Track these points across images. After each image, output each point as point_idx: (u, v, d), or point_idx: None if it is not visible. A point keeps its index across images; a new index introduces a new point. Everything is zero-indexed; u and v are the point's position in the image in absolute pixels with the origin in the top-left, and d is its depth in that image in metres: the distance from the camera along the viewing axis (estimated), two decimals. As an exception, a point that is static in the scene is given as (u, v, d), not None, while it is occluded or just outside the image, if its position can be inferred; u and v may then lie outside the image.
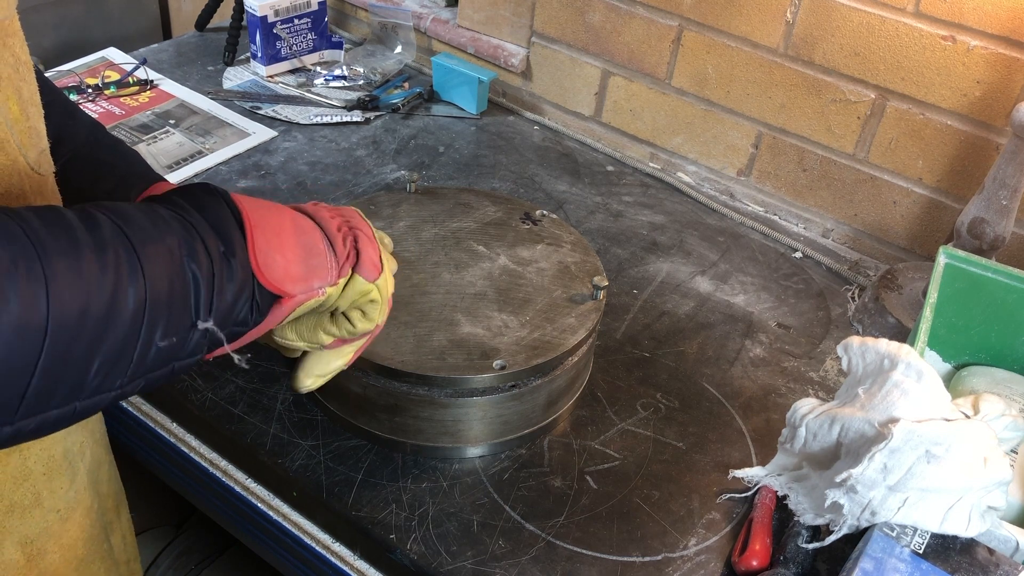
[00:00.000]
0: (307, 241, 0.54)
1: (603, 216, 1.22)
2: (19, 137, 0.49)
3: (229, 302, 0.48)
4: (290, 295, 0.52)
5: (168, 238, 0.45)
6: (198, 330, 0.46)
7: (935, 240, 1.15)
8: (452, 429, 0.80)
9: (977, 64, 1.03)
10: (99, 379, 0.42)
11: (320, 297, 0.55)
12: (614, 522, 0.78)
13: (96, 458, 0.67)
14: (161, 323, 0.44)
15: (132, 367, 0.44)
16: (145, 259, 0.43)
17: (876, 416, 0.72)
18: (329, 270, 0.55)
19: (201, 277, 0.46)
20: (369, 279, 0.57)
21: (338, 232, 0.56)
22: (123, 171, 0.69)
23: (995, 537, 0.69)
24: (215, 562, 1.31)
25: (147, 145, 1.23)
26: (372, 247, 0.58)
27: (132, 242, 0.43)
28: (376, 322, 0.61)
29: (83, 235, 0.41)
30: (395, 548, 0.74)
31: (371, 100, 1.37)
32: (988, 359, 0.96)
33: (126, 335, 0.42)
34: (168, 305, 0.44)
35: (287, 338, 0.61)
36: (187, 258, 0.45)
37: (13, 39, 0.48)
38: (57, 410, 0.42)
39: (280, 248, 0.51)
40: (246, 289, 0.49)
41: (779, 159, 1.24)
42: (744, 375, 0.97)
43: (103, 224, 0.43)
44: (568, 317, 0.83)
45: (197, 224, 0.47)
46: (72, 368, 0.41)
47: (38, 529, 0.59)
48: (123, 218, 0.44)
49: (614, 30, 1.30)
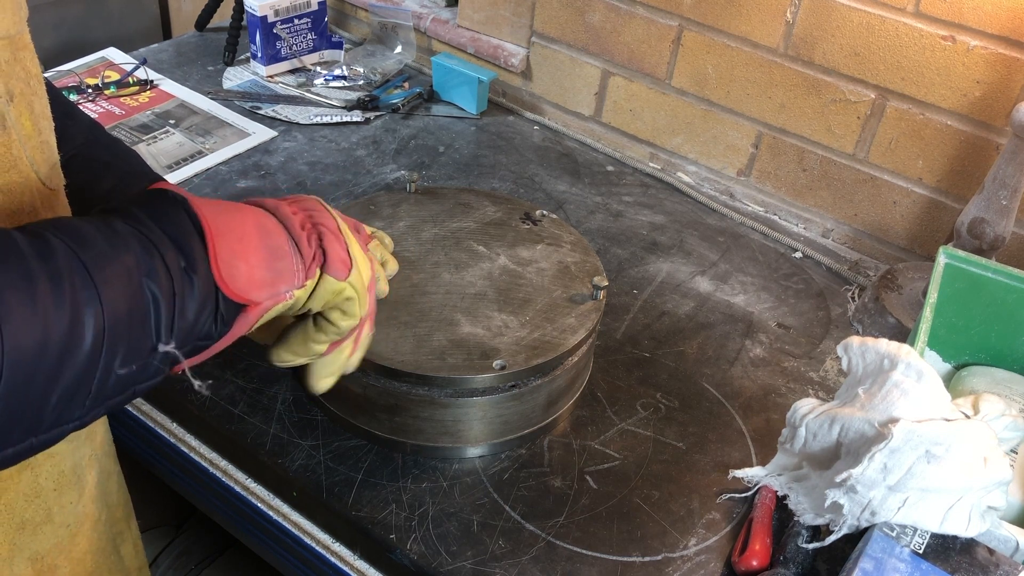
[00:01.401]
0: (272, 243, 0.51)
1: (603, 216, 1.22)
2: (31, 153, 0.49)
3: (191, 320, 0.46)
4: (255, 303, 0.50)
5: (126, 257, 0.43)
6: (159, 353, 0.45)
7: (935, 240, 1.15)
8: (452, 429, 0.80)
9: (977, 64, 1.03)
10: (56, 413, 0.41)
11: (288, 301, 0.52)
12: (614, 522, 0.78)
13: (105, 469, 0.66)
14: (121, 350, 0.42)
15: (91, 397, 0.42)
16: (102, 284, 0.41)
17: (876, 416, 0.72)
18: (295, 272, 0.52)
19: (161, 297, 0.44)
20: (339, 278, 0.55)
21: (302, 231, 0.54)
22: (122, 170, 0.69)
23: (995, 537, 0.69)
24: (215, 562, 1.31)
25: (147, 145, 1.23)
26: (339, 243, 0.55)
27: (88, 268, 0.41)
28: (359, 316, 0.59)
29: (36, 265, 0.39)
30: (395, 548, 0.74)
31: (371, 100, 1.37)
32: (988, 359, 0.96)
33: (85, 366, 0.41)
34: (127, 331, 0.42)
35: (285, 360, 0.60)
36: (146, 278, 0.43)
37: (24, 52, 0.48)
38: (13, 448, 0.40)
39: (243, 254, 0.49)
40: (209, 303, 0.47)
41: (779, 159, 1.24)
42: (744, 375, 0.97)
43: (56, 249, 0.40)
44: (568, 317, 0.83)
45: (156, 239, 0.45)
46: (29, 405, 0.39)
47: (49, 545, 0.59)
48: (78, 240, 0.42)
49: (614, 30, 1.30)
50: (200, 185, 1.16)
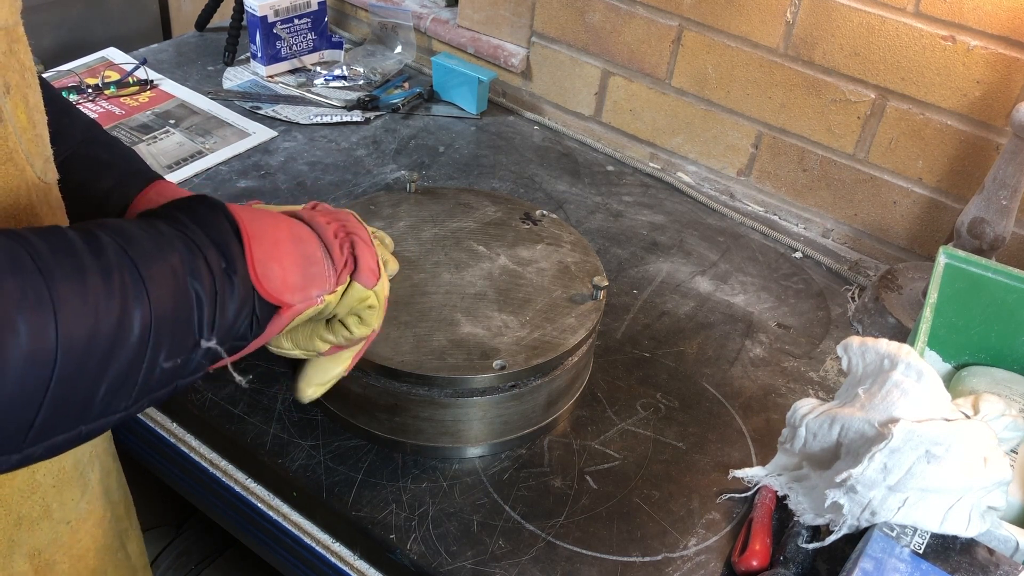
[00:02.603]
0: (305, 250, 0.54)
1: (603, 216, 1.22)
2: (27, 146, 0.49)
3: (231, 318, 0.48)
4: (289, 305, 0.52)
5: (171, 257, 0.45)
6: (201, 349, 0.46)
7: (935, 240, 1.15)
8: (452, 429, 0.80)
9: (977, 64, 1.03)
10: (105, 402, 0.42)
11: (319, 305, 0.54)
12: (614, 522, 0.78)
13: (105, 467, 0.66)
14: (166, 344, 0.44)
15: (137, 389, 0.44)
16: (150, 281, 0.43)
17: (876, 416, 0.72)
18: (327, 278, 0.55)
19: (204, 295, 0.46)
20: (368, 286, 0.57)
21: (335, 239, 0.56)
22: (121, 169, 0.69)
23: (995, 537, 0.69)
24: (215, 562, 1.31)
25: (147, 145, 1.23)
26: (370, 253, 0.58)
27: (136, 264, 0.43)
28: (373, 327, 0.61)
29: (88, 259, 0.41)
30: (395, 548, 0.74)
31: (371, 100, 1.37)
32: (988, 359, 0.96)
33: (132, 358, 0.42)
34: (172, 326, 0.44)
35: (282, 347, 0.61)
36: (190, 277, 0.45)
37: (19, 45, 0.48)
38: (63, 435, 0.42)
39: (278, 258, 0.51)
40: (247, 304, 0.49)
41: (779, 159, 1.24)
42: (744, 375, 0.97)
43: (107, 246, 0.42)
44: (568, 317, 0.83)
45: (198, 240, 0.47)
46: (80, 394, 0.40)
47: (47, 540, 0.59)
48: (126, 238, 0.44)
49: (614, 30, 1.30)
50: (200, 185, 1.16)
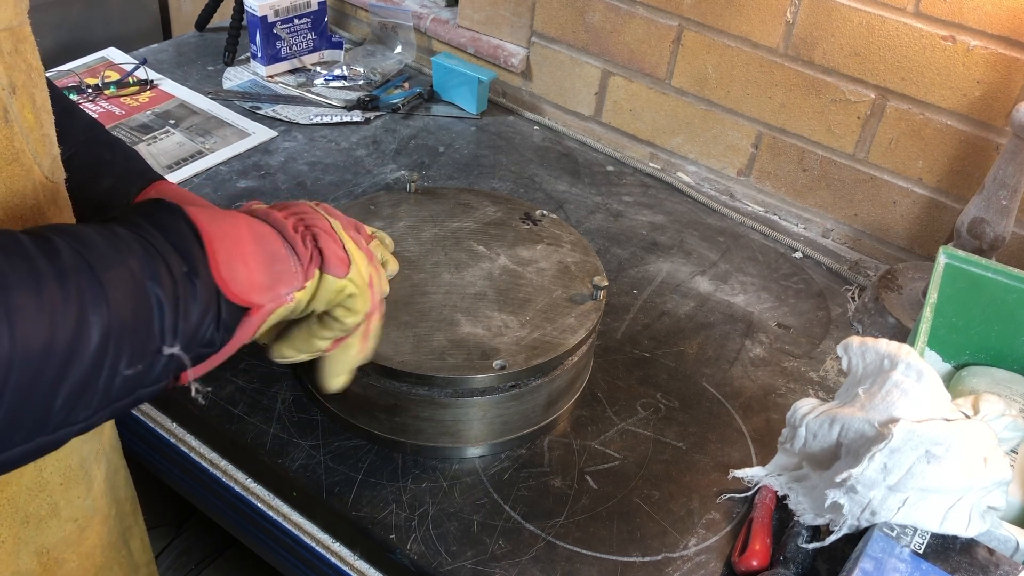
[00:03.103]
0: (268, 248, 0.52)
1: (603, 216, 1.22)
2: (34, 145, 0.49)
3: (194, 323, 0.46)
4: (258, 305, 0.50)
5: (129, 260, 0.43)
6: (164, 355, 0.45)
7: (935, 240, 1.15)
8: (452, 429, 0.80)
9: (977, 64, 1.03)
10: (64, 413, 0.41)
11: (290, 304, 0.53)
12: (614, 522, 0.78)
13: (112, 464, 0.66)
14: (126, 351, 0.42)
15: (98, 398, 0.42)
16: (108, 285, 0.41)
17: (876, 416, 0.72)
18: (295, 275, 0.53)
19: (165, 300, 0.44)
20: (339, 276, 0.56)
21: (296, 233, 0.54)
22: (122, 169, 0.69)
23: (995, 537, 0.69)
24: (215, 562, 1.31)
25: (147, 145, 1.23)
26: (334, 242, 0.56)
27: (93, 268, 0.41)
28: (363, 311, 0.59)
29: (43, 264, 0.39)
30: (395, 548, 0.74)
31: (371, 100, 1.37)
32: (988, 359, 0.96)
33: (91, 365, 0.41)
34: (133, 331, 0.43)
35: (287, 356, 0.60)
36: (150, 280, 0.44)
37: (25, 44, 0.48)
38: (20, 447, 0.40)
39: (241, 258, 0.49)
40: (211, 308, 0.47)
41: (779, 159, 1.24)
42: (744, 375, 0.97)
43: (62, 250, 0.41)
44: (568, 317, 0.83)
45: (157, 244, 0.46)
46: (36, 404, 0.39)
47: (55, 539, 0.59)
48: (81, 242, 0.42)
49: (614, 30, 1.30)
50: (200, 185, 1.16)
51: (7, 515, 0.54)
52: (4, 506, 0.54)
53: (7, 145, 0.46)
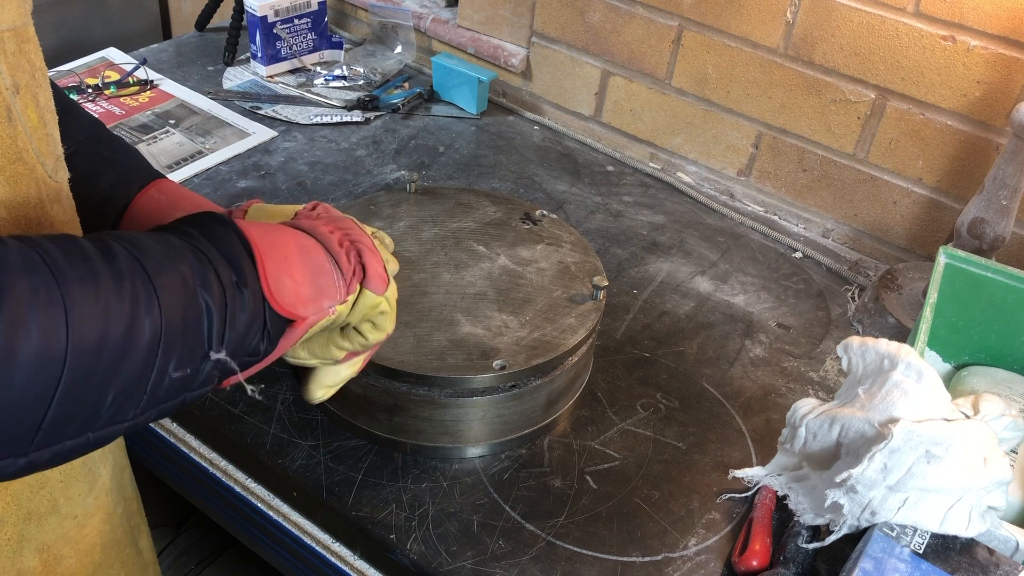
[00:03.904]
0: (313, 261, 0.54)
1: (603, 216, 1.22)
2: (37, 145, 0.49)
3: (241, 332, 0.48)
4: (302, 318, 0.52)
5: (182, 267, 0.45)
6: (211, 361, 0.46)
7: (935, 240, 1.15)
8: (452, 429, 0.80)
9: (977, 64, 1.03)
10: (113, 410, 0.42)
11: (331, 316, 0.55)
12: (614, 522, 0.78)
13: (119, 463, 0.66)
14: (175, 354, 0.44)
15: (146, 398, 0.43)
16: (160, 289, 0.43)
17: (876, 416, 0.72)
18: (337, 288, 0.55)
19: (214, 307, 0.46)
20: (378, 292, 0.57)
21: (340, 248, 0.56)
22: (122, 167, 0.69)
23: (995, 537, 0.69)
24: (215, 562, 1.31)
25: (147, 145, 1.23)
26: (376, 259, 0.58)
27: (148, 272, 0.43)
28: (387, 331, 0.61)
29: (100, 264, 0.41)
30: (395, 548, 0.74)
31: (371, 100, 1.37)
32: (988, 359, 0.96)
33: (141, 365, 0.42)
34: (182, 335, 0.44)
35: (299, 357, 0.61)
36: (200, 288, 0.45)
37: (29, 45, 0.48)
38: (71, 441, 0.41)
39: (288, 272, 0.51)
40: (258, 319, 0.49)
41: (779, 159, 1.24)
42: (744, 375, 0.97)
43: (119, 254, 0.42)
44: (568, 317, 0.83)
45: (209, 253, 0.47)
46: (88, 398, 0.40)
47: (55, 535, 0.59)
48: (137, 248, 0.44)
49: (614, 30, 1.30)
50: (200, 185, 1.16)
51: (11, 512, 0.55)
52: (8, 503, 0.54)
53: (10, 145, 0.46)
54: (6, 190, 0.47)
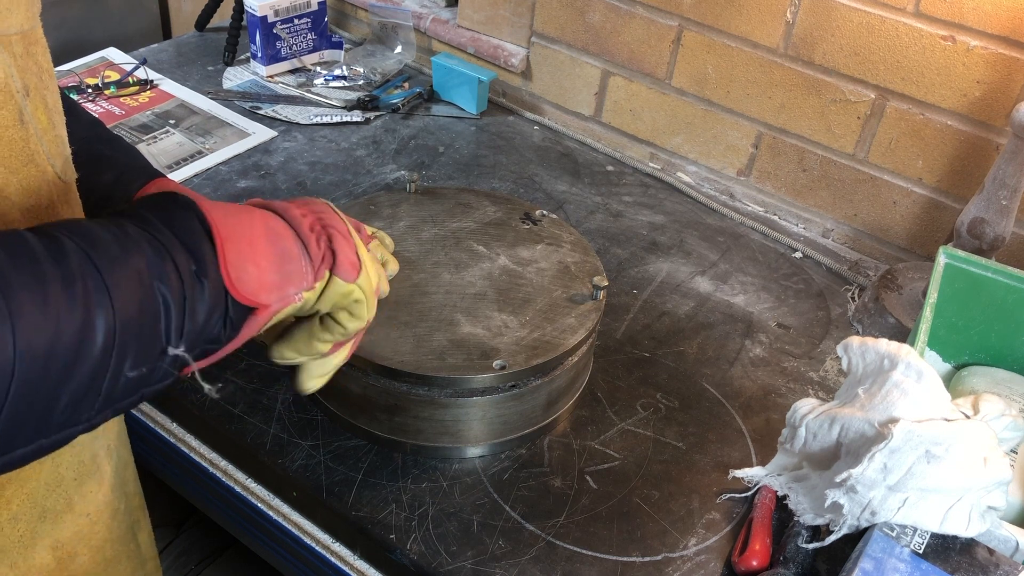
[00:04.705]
0: (281, 246, 0.51)
1: (603, 216, 1.22)
2: (47, 146, 0.49)
3: (201, 323, 0.46)
4: (265, 306, 0.50)
5: (137, 260, 0.43)
6: (168, 356, 0.45)
7: (935, 240, 1.15)
8: (452, 429, 0.80)
9: (977, 64, 1.03)
10: (66, 414, 0.41)
11: (297, 303, 0.53)
12: (614, 522, 0.78)
13: (122, 459, 0.67)
14: (131, 353, 0.42)
15: (101, 399, 0.42)
16: (114, 287, 0.41)
17: (876, 416, 0.72)
18: (304, 275, 0.53)
19: (172, 300, 0.44)
20: (348, 280, 0.55)
21: (311, 232, 0.54)
22: (122, 165, 0.69)
23: (995, 537, 0.69)
24: (215, 562, 1.31)
25: (147, 145, 1.23)
26: (348, 245, 0.56)
27: (100, 269, 0.41)
28: (366, 319, 0.59)
29: (49, 267, 0.39)
30: (395, 548, 0.74)
31: (371, 100, 1.37)
32: (988, 359, 0.96)
33: (95, 368, 0.41)
34: (138, 333, 0.42)
35: (287, 357, 0.60)
36: (157, 281, 0.43)
37: (37, 47, 0.48)
38: (22, 449, 0.40)
39: (253, 257, 0.49)
40: (218, 307, 0.47)
41: (779, 159, 1.24)
42: (744, 375, 0.97)
43: (69, 252, 0.40)
44: (568, 317, 0.83)
45: (166, 241, 0.45)
46: (39, 406, 0.39)
47: (69, 533, 0.59)
48: (90, 242, 0.42)
49: (614, 30, 1.30)
50: (200, 185, 1.16)
51: (26, 510, 0.55)
52: (23, 502, 0.54)
53: (23, 147, 0.46)
54: (19, 192, 0.47)
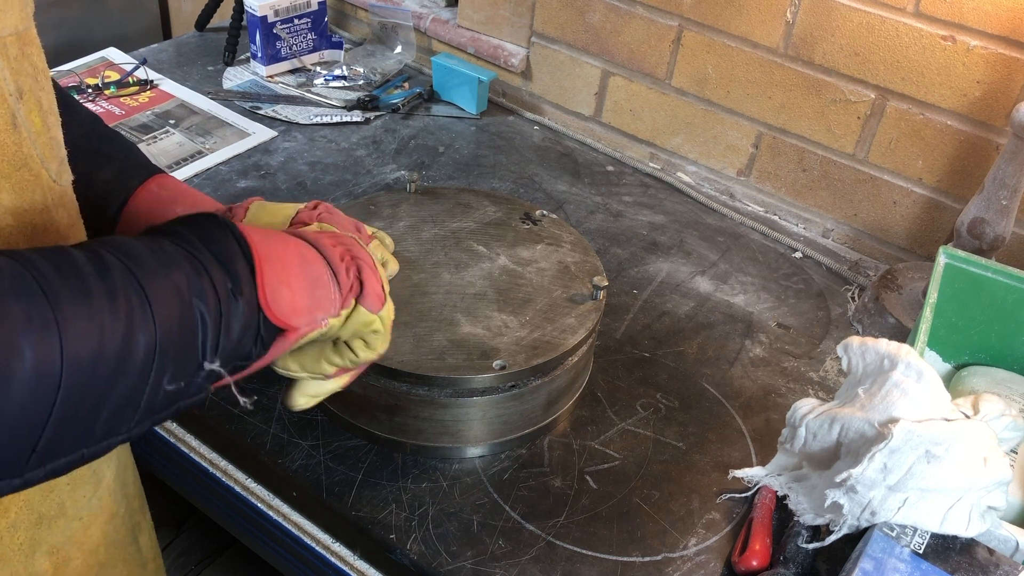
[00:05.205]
0: (312, 272, 0.54)
1: (603, 216, 1.22)
2: (41, 150, 0.49)
3: (235, 340, 0.48)
4: (295, 328, 0.52)
5: (177, 277, 0.44)
6: (204, 371, 0.46)
7: (935, 240, 1.15)
8: (452, 429, 0.80)
9: (977, 64, 1.03)
10: (108, 425, 0.42)
11: (323, 328, 0.54)
12: (614, 522, 0.78)
13: (122, 462, 0.67)
14: (170, 366, 0.43)
15: (140, 411, 0.43)
16: (155, 302, 0.42)
17: (876, 416, 0.72)
18: (333, 301, 0.55)
19: (209, 316, 0.45)
20: (373, 310, 0.57)
21: (341, 262, 0.56)
22: (122, 161, 0.69)
23: (995, 537, 0.69)
24: (215, 562, 1.31)
25: (147, 145, 1.23)
26: (375, 277, 0.58)
27: (142, 285, 0.42)
28: (378, 351, 0.61)
29: (93, 280, 0.40)
30: (395, 548, 0.74)
31: (371, 100, 1.37)
32: (988, 359, 0.96)
33: (136, 381, 0.42)
34: (177, 347, 0.44)
35: (290, 369, 0.61)
36: (195, 297, 0.45)
37: (31, 48, 0.48)
38: (65, 458, 0.41)
39: (287, 281, 0.51)
40: (252, 325, 0.49)
41: (779, 159, 1.24)
42: (744, 375, 0.97)
43: (112, 267, 0.42)
44: (568, 317, 0.83)
45: (204, 260, 0.46)
46: (83, 416, 0.40)
47: (63, 538, 0.59)
48: (131, 258, 0.43)
49: (614, 30, 1.30)
50: (200, 185, 1.16)
51: (24, 516, 0.55)
52: (21, 508, 0.54)
53: (15, 151, 0.46)
54: (12, 197, 0.47)
